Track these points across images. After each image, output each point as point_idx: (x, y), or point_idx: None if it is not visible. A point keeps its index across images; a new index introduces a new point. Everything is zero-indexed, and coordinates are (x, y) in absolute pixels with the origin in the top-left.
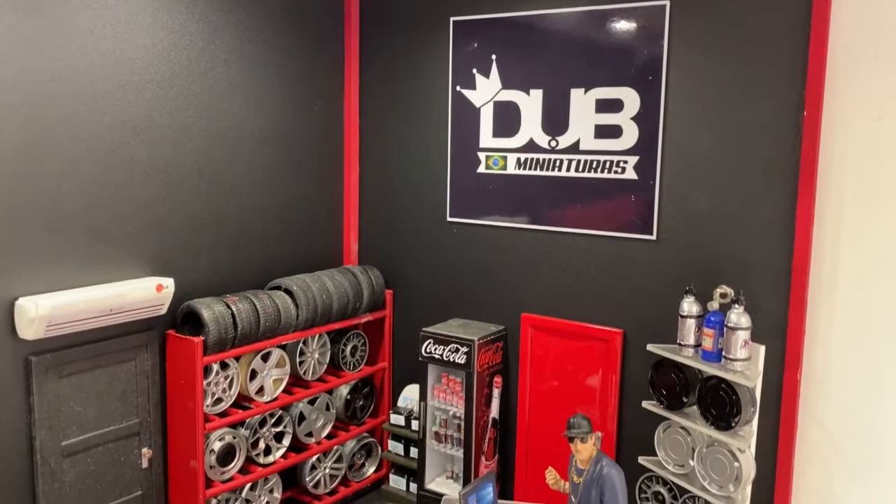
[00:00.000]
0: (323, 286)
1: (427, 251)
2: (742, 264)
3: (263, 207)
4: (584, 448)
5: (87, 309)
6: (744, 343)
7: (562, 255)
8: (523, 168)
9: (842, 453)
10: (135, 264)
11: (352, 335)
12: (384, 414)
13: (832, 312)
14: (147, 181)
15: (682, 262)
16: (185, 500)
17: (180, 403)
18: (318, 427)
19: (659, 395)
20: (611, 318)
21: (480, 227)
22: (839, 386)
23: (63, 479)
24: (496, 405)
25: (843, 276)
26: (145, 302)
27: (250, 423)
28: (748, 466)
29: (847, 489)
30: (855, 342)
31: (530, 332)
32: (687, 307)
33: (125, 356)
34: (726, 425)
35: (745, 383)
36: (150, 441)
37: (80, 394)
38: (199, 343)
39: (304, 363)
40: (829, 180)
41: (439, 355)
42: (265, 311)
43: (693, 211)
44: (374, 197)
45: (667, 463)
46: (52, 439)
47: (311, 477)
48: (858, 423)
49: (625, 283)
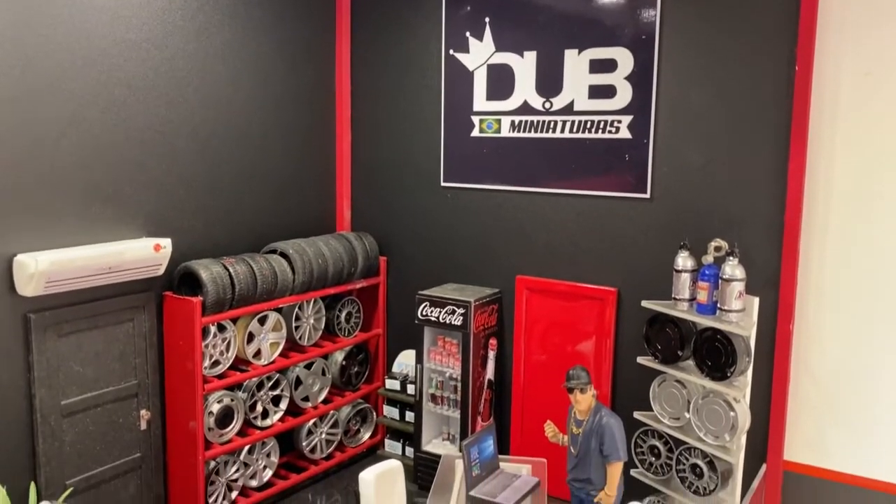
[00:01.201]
0: (318, 250)
1: (421, 217)
2: (735, 219)
3: (257, 173)
4: (584, 399)
5: (86, 266)
6: (738, 294)
7: (556, 216)
8: (517, 131)
9: (833, 403)
10: (131, 225)
11: (346, 301)
12: (379, 380)
13: (824, 265)
14: (143, 141)
15: (675, 219)
16: (183, 462)
17: (179, 365)
18: (315, 392)
19: (654, 350)
20: (605, 277)
21: (475, 192)
22: (831, 337)
23: (63, 438)
24: (491, 367)
25: (835, 230)
26: (143, 261)
27: (248, 385)
28: (744, 416)
29: (838, 437)
30: (846, 294)
31: (525, 294)
32: (682, 262)
33: (123, 317)
34: (722, 376)
35: (741, 332)
36: (149, 403)
37: (80, 354)
38: (197, 303)
39: (299, 328)
40: (820, 134)
41: (435, 318)
42: (262, 273)
43: (687, 168)
44: (367, 163)
45: (662, 417)
46: (51, 398)
47: (308, 442)
48: (849, 373)
49: (619, 241)
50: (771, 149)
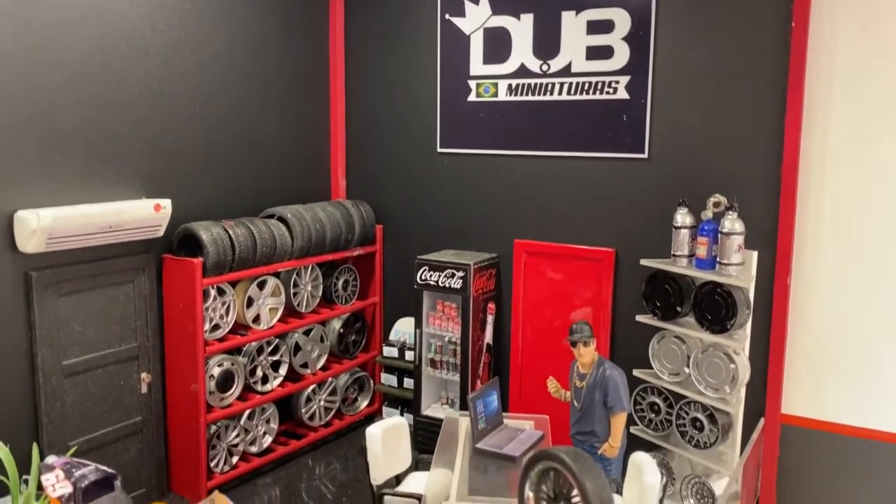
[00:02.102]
0: (316, 216)
1: (417, 184)
2: (732, 177)
3: (253, 139)
4: (587, 352)
5: (87, 224)
6: (738, 248)
7: (554, 179)
8: (515, 94)
9: (830, 355)
10: (130, 186)
11: (343, 269)
12: (375, 349)
13: (821, 220)
14: (141, 100)
15: (673, 178)
16: (184, 426)
17: (179, 327)
18: (314, 358)
19: (653, 308)
20: (603, 239)
21: (472, 157)
22: (828, 291)
23: (65, 399)
24: (490, 331)
25: (831, 184)
26: (143, 221)
27: (248, 350)
28: (743, 367)
29: (835, 389)
30: (843, 248)
31: (524, 258)
32: (681, 218)
33: (123, 278)
34: (722, 328)
35: (740, 284)
36: (149, 366)
37: (80, 314)
38: (198, 264)
39: (297, 295)
40: (817, 90)
41: (434, 282)
42: (261, 236)
43: (684, 127)
44: (362, 131)
45: (662, 373)
46: (53, 357)
47: (307, 409)
48: (846, 326)
49: (616, 202)
50: (768, 105)
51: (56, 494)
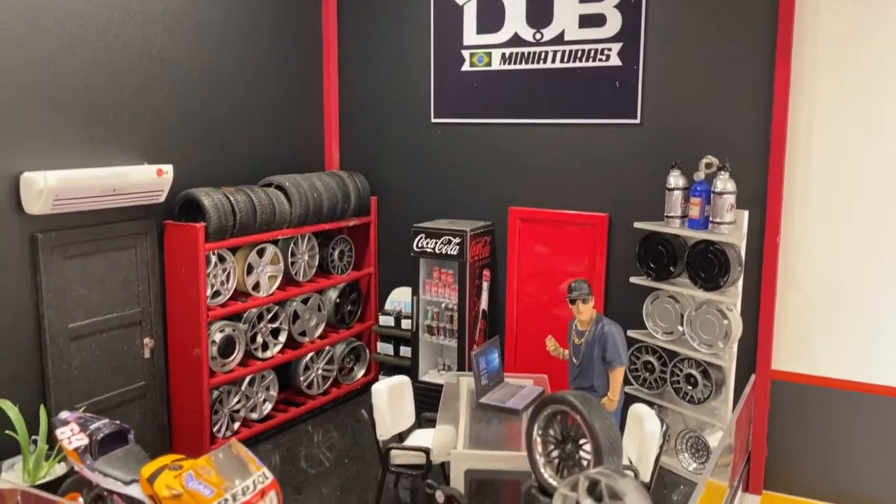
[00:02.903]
0: (313, 185)
1: (411, 155)
2: (723, 140)
3: (249, 109)
4: (586, 309)
5: (92, 186)
6: (730, 207)
7: (548, 146)
8: (508, 63)
9: (818, 311)
10: (131, 152)
11: (339, 240)
12: (371, 319)
13: (808, 181)
14: (142, 67)
15: (665, 142)
16: (187, 390)
17: (181, 292)
18: (312, 327)
19: (647, 269)
20: (597, 204)
21: (466, 126)
22: (816, 248)
23: (70, 361)
24: (485, 297)
25: (819, 145)
26: (146, 186)
27: (248, 317)
28: (736, 323)
29: (823, 344)
30: (830, 207)
31: (518, 225)
32: (673, 181)
33: (126, 243)
34: (715, 285)
35: (733, 242)
36: (152, 331)
37: (85, 277)
38: (200, 228)
39: (295, 264)
40: (805, 54)
41: (431, 248)
42: (261, 203)
43: (675, 92)
44: (356, 102)
45: (656, 333)
46: (59, 320)
47: (305, 377)
48: (833, 283)
49: (610, 168)
50: (757, 70)
51: (72, 447)
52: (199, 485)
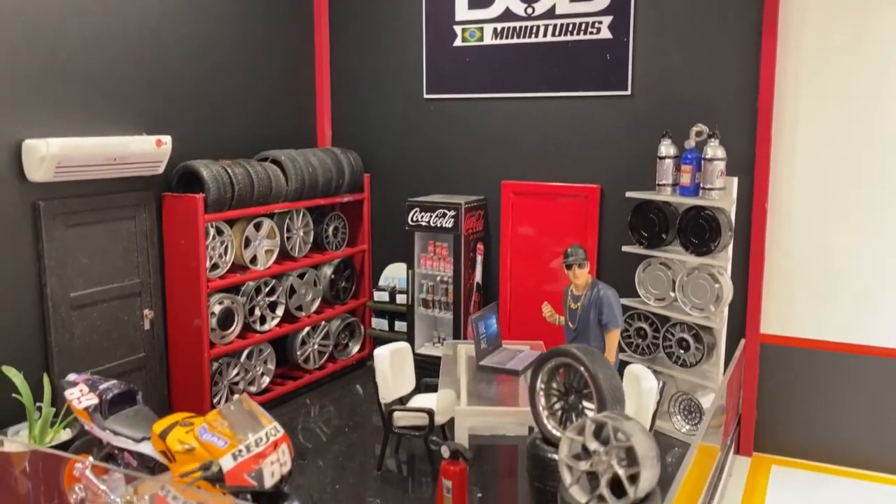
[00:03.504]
0: (308, 160)
1: (404, 131)
2: (712, 110)
3: (243, 84)
4: (582, 274)
5: (94, 154)
6: (720, 174)
7: (540, 120)
8: (500, 38)
9: (804, 276)
10: (130, 123)
11: (333, 216)
12: (365, 295)
13: (794, 149)
14: (140, 39)
15: (655, 113)
16: (187, 362)
17: (181, 264)
18: (308, 301)
19: (639, 237)
20: (588, 175)
21: (458, 102)
22: (801, 216)
23: (73, 330)
24: (479, 270)
25: (805, 114)
26: (145, 156)
27: (246, 290)
28: (727, 287)
29: (809, 307)
30: (816, 175)
31: (511, 198)
32: (664, 149)
33: (125, 214)
34: (707, 250)
35: (723, 206)
36: (151, 303)
37: (86, 247)
38: (200, 199)
39: (290, 239)
40: (790, 23)
41: (426, 222)
42: (258, 176)
43: (665, 64)
44: (348, 79)
45: (648, 299)
46: (61, 288)
47: (302, 352)
48: (819, 249)
49: (601, 139)
50: (745, 40)
51: (82, 406)
52: (212, 437)
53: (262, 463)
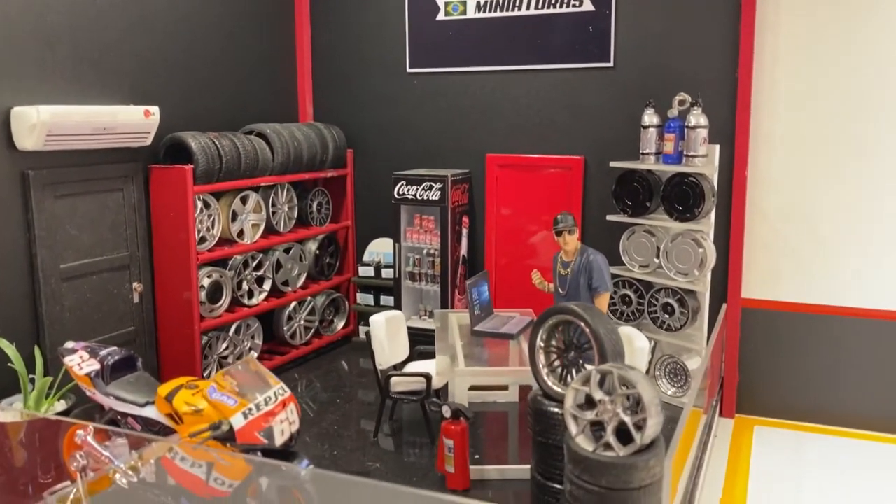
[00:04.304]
0: (293, 134)
1: (387, 106)
2: (693, 81)
3: (226, 58)
4: (571, 240)
5: (84, 123)
6: (703, 141)
7: (523, 92)
8: (483, 11)
9: (784, 241)
10: (117, 93)
11: (316, 192)
12: (349, 271)
13: (773, 116)
14: (125, 10)
15: (638, 84)
16: (177, 335)
17: (169, 236)
18: (294, 276)
19: (623, 206)
20: (572, 147)
21: (442, 76)
22: (780, 182)
23: (63, 302)
24: (465, 244)
25: (783, 84)
26: (134, 126)
27: (234, 264)
28: (711, 251)
29: (789, 271)
30: (793, 142)
31: (495, 171)
32: (648, 118)
33: (113, 185)
34: (691, 216)
35: (706, 172)
36: (140, 276)
37: (75, 218)
38: (189, 170)
39: (276, 214)
40: None
41: (412, 195)
42: (245, 149)
43: (647, 35)
44: (330, 55)
45: (632, 266)
46: (51, 259)
47: (289, 327)
48: (797, 214)
49: (584, 111)
50: (725, 11)
51: (83, 372)
52: (222, 396)
53: (272, 421)
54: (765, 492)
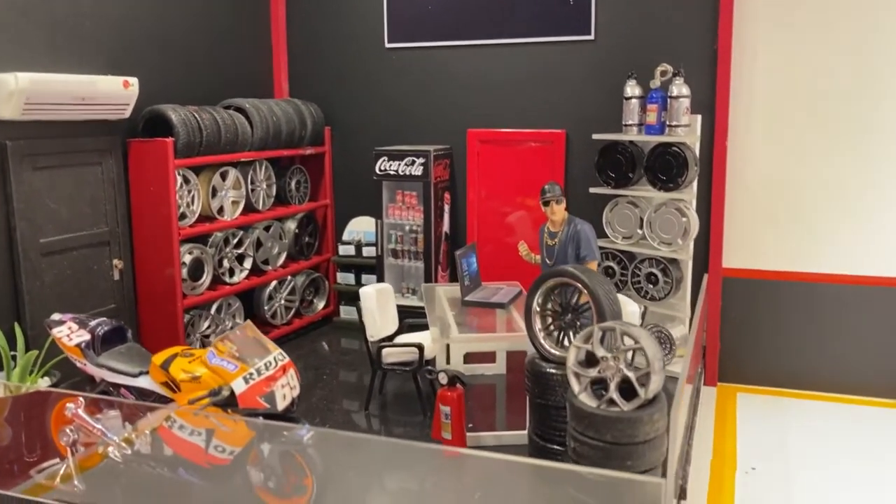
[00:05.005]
0: (271, 109)
1: (365, 83)
2: (673, 52)
3: (201, 31)
4: (559, 209)
5: (63, 92)
6: (685, 111)
7: (504, 66)
8: None
9: (763, 210)
10: (94, 63)
11: (294, 170)
12: (329, 251)
13: (753, 86)
14: None
15: (618, 57)
16: (157, 312)
17: (150, 211)
18: (274, 255)
19: (606, 178)
20: (554, 121)
21: (421, 51)
22: (760, 152)
23: (43, 278)
24: (447, 220)
25: (763, 55)
26: (112, 97)
27: (214, 241)
28: (694, 220)
29: (769, 240)
30: (772, 113)
31: (477, 146)
32: (630, 90)
33: (92, 159)
34: (674, 185)
35: (689, 141)
36: (120, 252)
37: (54, 191)
38: (170, 143)
39: (255, 192)
40: None
41: (395, 171)
42: (224, 123)
43: (627, 7)
44: (306, 31)
45: (615, 238)
46: (31, 233)
47: (269, 307)
48: (777, 183)
49: (566, 84)
50: None
51: (73, 343)
52: (222, 361)
53: (274, 386)
54: (753, 452)
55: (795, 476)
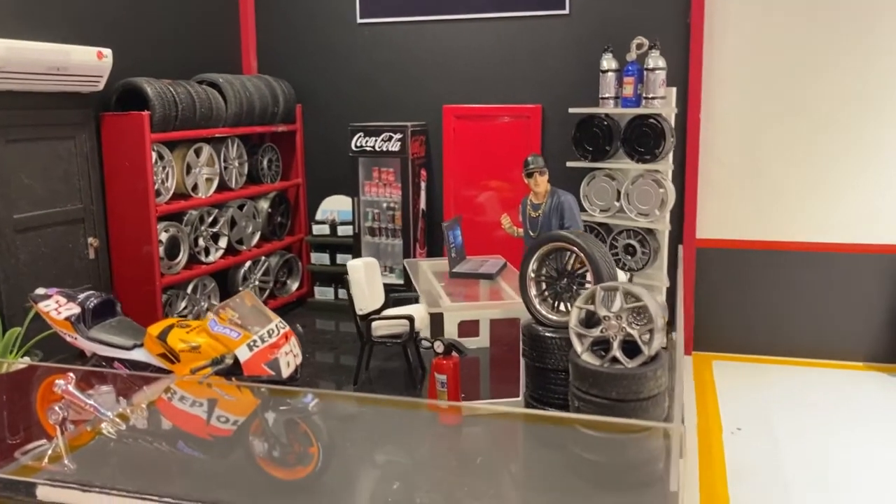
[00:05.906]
0: (244, 84)
1: (337, 59)
2: (648, 26)
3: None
4: (542, 181)
5: (37, 61)
6: (661, 83)
7: (479, 41)
8: None
9: (735, 180)
10: (66, 32)
11: (266, 148)
12: (302, 231)
13: (724, 60)
14: None
15: (593, 31)
16: (133, 291)
17: (125, 188)
18: (248, 234)
19: (583, 152)
20: (530, 95)
21: (394, 26)
22: (732, 124)
23: (18, 255)
24: (424, 197)
25: (734, 29)
26: (86, 69)
27: (190, 219)
28: (671, 191)
29: (740, 210)
30: (743, 86)
31: (453, 122)
32: (606, 63)
33: (65, 133)
34: (652, 157)
35: (665, 113)
36: (95, 230)
37: (27, 165)
38: (146, 117)
39: (227, 170)
40: None
41: (371, 147)
42: (199, 97)
43: None
44: (274, 4)
45: (593, 211)
46: (5, 208)
47: (245, 288)
48: (748, 155)
49: (541, 59)
50: None
51: (62, 317)
52: (224, 329)
53: (278, 353)
54: (736, 415)
55: (779, 434)
